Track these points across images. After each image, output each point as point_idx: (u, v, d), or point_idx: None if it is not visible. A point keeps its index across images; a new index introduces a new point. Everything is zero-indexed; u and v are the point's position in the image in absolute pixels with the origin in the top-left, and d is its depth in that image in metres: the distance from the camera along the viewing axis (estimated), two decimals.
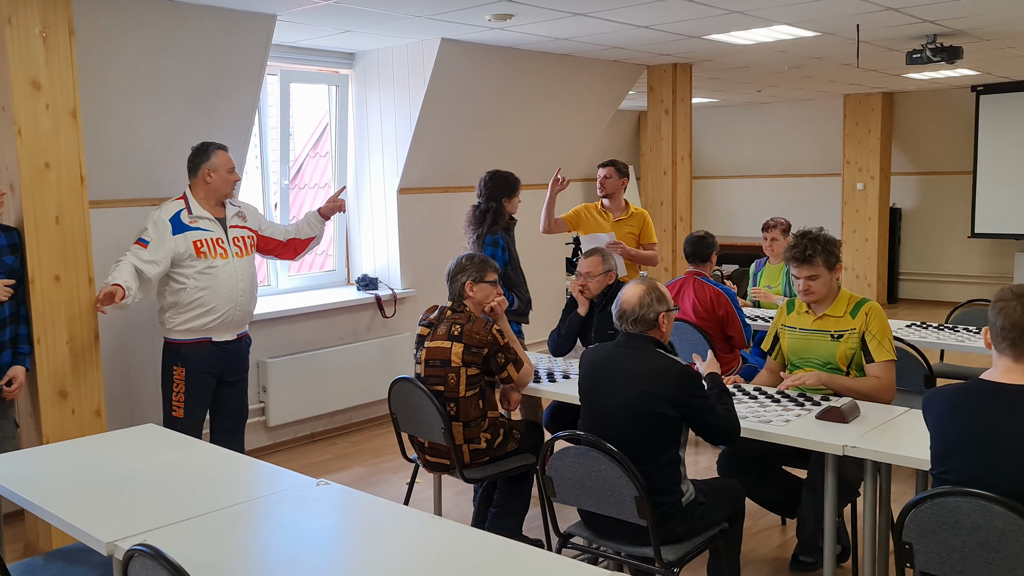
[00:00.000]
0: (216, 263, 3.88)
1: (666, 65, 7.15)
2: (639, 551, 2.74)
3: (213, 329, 3.92)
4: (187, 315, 3.88)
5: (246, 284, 4.00)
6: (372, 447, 5.45)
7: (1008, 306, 2.24)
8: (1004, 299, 2.26)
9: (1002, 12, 5.19)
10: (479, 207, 4.57)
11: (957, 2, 4.88)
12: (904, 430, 2.94)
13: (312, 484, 2.40)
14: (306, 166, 7.92)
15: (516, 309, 4.41)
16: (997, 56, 7.07)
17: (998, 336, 2.26)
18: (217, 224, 3.94)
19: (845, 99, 10.26)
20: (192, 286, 3.86)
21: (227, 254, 3.93)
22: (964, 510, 2.16)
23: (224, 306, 3.91)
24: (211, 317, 3.89)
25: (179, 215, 3.88)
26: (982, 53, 6.80)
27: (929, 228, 10.50)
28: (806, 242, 3.34)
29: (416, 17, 4.87)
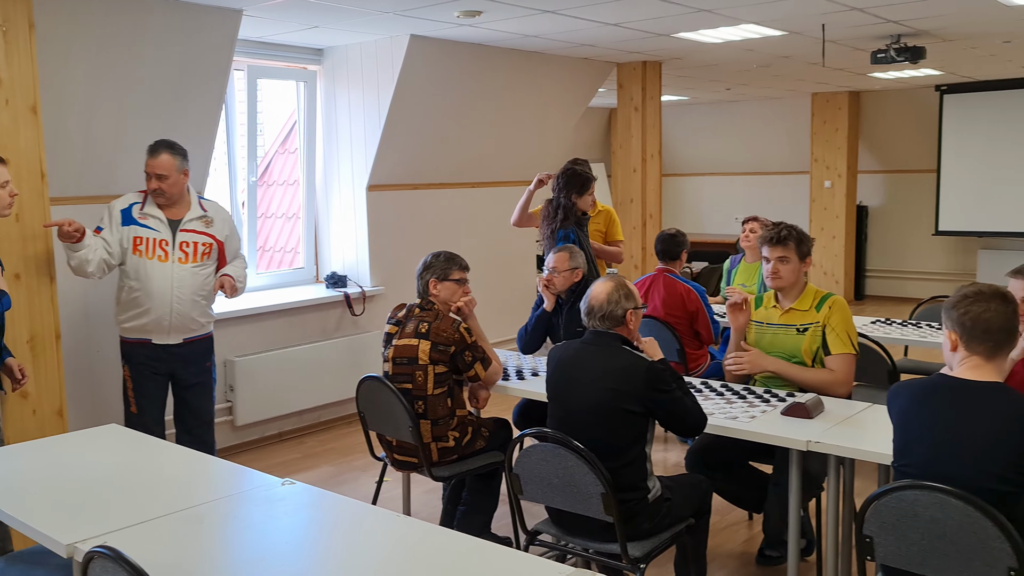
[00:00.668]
0: (151, 264, 3.77)
1: (636, 63, 7.18)
2: (606, 547, 2.76)
3: (151, 331, 3.84)
4: (127, 313, 3.85)
5: (185, 291, 3.83)
6: (341, 446, 5.42)
7: (989, 308, 2.26)
8: (978, 300, 2.28)
9: (964, 13, 5.28)
10: (551, 202, 4.60)
11: (920, 3, 4.95)
12: (867, 425, 2.98)
13: (277, 483, 2.38)
14: (275, 163, 7.88)
15: None
16: (960, 56, 7.18)
17: (973, 336, 2.28)
18: (166, 226, 3.82)
19: (813, 98, 10.37)
20: (128, 285, 3.81)
21: (167, 257, 3.80)
22: (923, 503, 2.19)
23: (158, 310, 3.79)
24: (146, 319, 3.81)
25: (132, 208, 3.82)
26: (945, 53, 6.90)
27: (895, 226, 10.66)
28: (783, 225, 3.46)
29: (384, 13, 4.85)
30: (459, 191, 6.65)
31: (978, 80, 9.23)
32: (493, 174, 6.89)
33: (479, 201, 6.81)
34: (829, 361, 3.36)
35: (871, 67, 7.05)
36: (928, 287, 9.67)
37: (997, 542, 2.10)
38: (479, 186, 6.81)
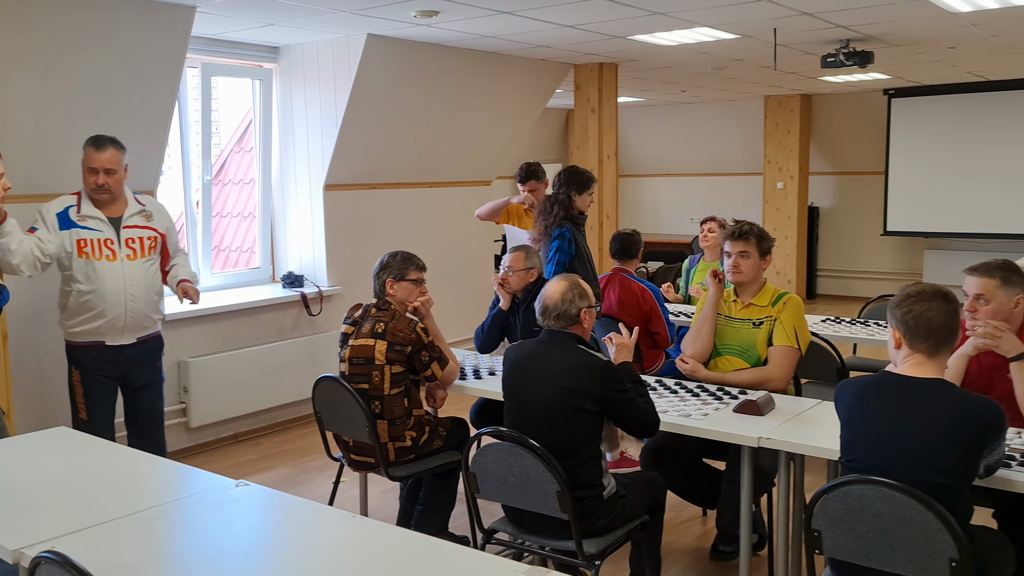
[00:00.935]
0: (100, 265, 3.70)
1: (592, 64, 7.23)
2: (562, 545, 2.78)
3: (105, 333, 3.76)
4: (77, 318, 3.73)
5: (138, 288, 3.78)
6: (298, 447, 5.38)
7: (931, 307, 2.33)
8: (920, 299, 2.35)
9: (910, 19, 5.41)
10: (549, 197, 4.52)
11: (868, 9, 5.07)
12: (817, 421, 3.05)
13: (231, 485, 2.36)
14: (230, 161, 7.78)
15: None
16: (907, 61, 7.36)
17: (916, 335, 2.34)
18: (108, 224, 3.74)
19: (766, 100, 10.54)
20: (77, 289, 3.69)
21: (115, 256, 3.73)
22: (869, 497, 2.25)
23: (113, 310, 3.72)
24: (100, 321, 3.72)
25: (68, 211, 3.71)
26: (893, 58, 7.07)
27: (845, 226, 10.88)
28: (744, 222, 3.56)
29: (341, 12, 4.82)
30: (417, 191, 6.65)
31: (924, 84, 9.47)
32: (451, 174, 6.90)
33: (437, 201, 6.80)
34: (770, 352, 3.45)
35: (821, 71, 7.20)
36: (877, 286, 9.90)
37: (939, 534, 2.16)
38: (437, 186, 6.81)
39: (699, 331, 3.58)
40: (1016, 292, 2.86)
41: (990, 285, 2.87)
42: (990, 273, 2.88)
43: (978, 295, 2.88)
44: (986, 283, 2.87)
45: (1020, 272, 2.91)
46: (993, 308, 2.85)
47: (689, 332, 3.65)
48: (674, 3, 4.82)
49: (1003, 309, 2.85)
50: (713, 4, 4.86)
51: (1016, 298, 2.86)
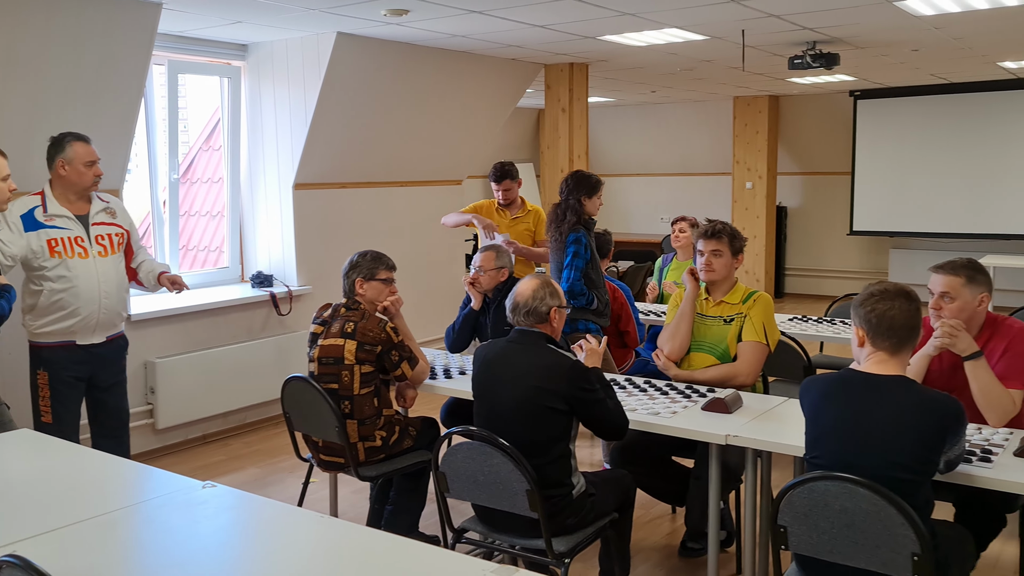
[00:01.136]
0: (74, 263, 3.65)
1: (563, 64, 7.25)
2: (532, 543, 2.79)
3: (77, 332, 3.70)
4: (48, 317, 3.66)
5: (111, 285, 3.75)
6: (267, 447, 5.34)
7: (894, 306, 2.38)
8: (883, 298, 2.39)
9: (875, 22, 5.49)
10: (559, 205, 4.45)
11: (834, 11, 5.14)
12: (784, 419, 3.09)
13: (198, 487, 2.34)
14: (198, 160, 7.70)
15: (595, 309, 4.29)
16: (872, 63, 7.47)
17: (879, 333, 2.38)
18: (77, 222, 3.70)
19: (734, 101, 10.63)
20: (49, 288, 3.63)
21: (87, 253, 3.69)
22: (833, 493, 2.28)
23: (87, 308, 3.68)
24: (74, 320, 3.67)
25: (33, 212, 3.63)
26: (858, 60, 7.17)
27: (812, 226, 11.01)
28: (717, 221, 3.62)
29: (310, 10, 4.80)
30: (387, 190, 6.62)
31: (889, 87, 9.61)
32: (421, 173, 6.88)
33: (407, 200, 6.79)
34: (739, 348, 3.49)
35: (789, 72, 7.27)
36: (843, 285, 10.04)
37: (901, 529, 2.20)
38: (407, 185, 6.80)
39: (677, 328, 3.61)
40: (980, 290, 2.92)
41: (955, 283, 2.92)
42: (955, 271, 2.93)
43: (943, 293, 2.93)
44: (951, 281, 2.93)
45: (984, 271, 2.97)
46: (958, 306, 2.91)
47: (667, 329, 3.68)
48: (643, 4, 4.86)
49: (967, 307, 2.91)
50: (682, 5, 4.90)
51: (980, 296, 2.92)
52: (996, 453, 2.60)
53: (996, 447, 2.66)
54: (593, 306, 4.28)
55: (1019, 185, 9.31)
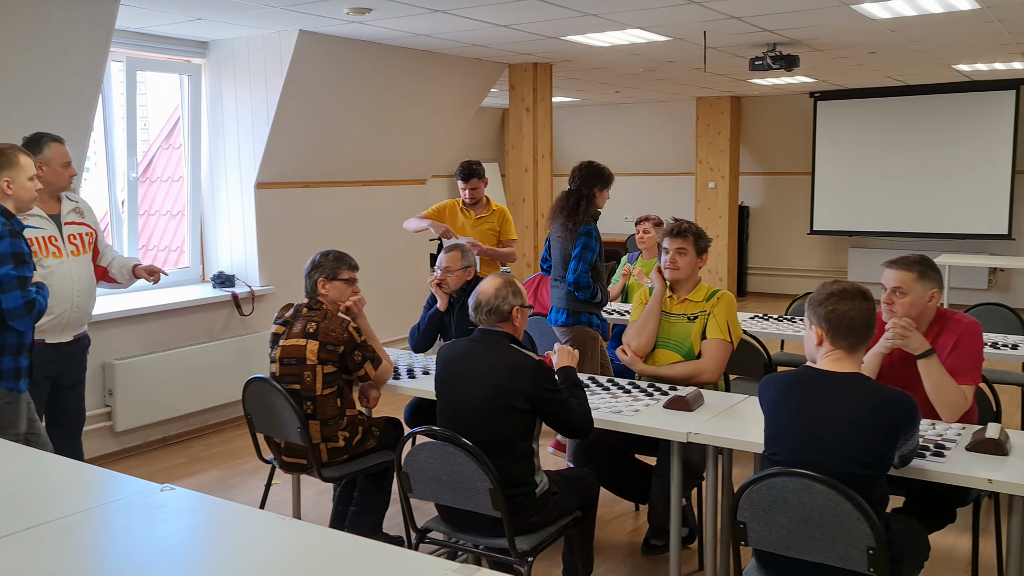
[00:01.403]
0: (49, 263, 3.62)
1: (527, 64, 7.27)
2: (495, 542, 2.80)
3: (48, 331, 3.67)
4: None
5: (83, 284, 3.77)
6: (229, 449, 5.28)
7: (854, 306, 2.42)
8: (843, 298, 2.43)
9: (833, 25, 5.58)
10: (571, 193, 4.41)
11: (793, 14, 5.21)
12: (745, 416, 3.12)
13: (155, 490, 2.31)
14: (158, 158, 7.58)
15: (599, 302, 4.39)
16: (831, 65, 7.58)
17: (839, 332, 2.42)
18: (50, 221, 3.68)
19: (697, 102, 10.73)
20: None
21: (61, 252, 3.69)
22: (791, 489, 2.32)
23: (60, 307, 3.66)
24: (47, 319, 3.62)
25: None
26: (817, 62, 7.27)
27: (773, 225, 11.15)
28: (683, 220, 3.67)
29: (271, 8, 4.75)
30: (351, 189, 6.59)
31: (848, 88, 9.77)
32: (385, 172, 6.86)
33: (371, 199, 6.76)
34: (704, 345, 3.53)
35: (750, 73, 7.36)
36: (804, 284, 10.18)
37: (857, 523, 2.24)
38: (371, 184, 6.76)
39: (644, 326, 3.64)
40: (931, 286, 2.99)
41: (907, 278, 2.99)
42: (908, 267, 3.00)
43: (896, 287, 2.99)
44: (904, 276, 2.99)
45: (935, 268, 3.04)
46: (909, 301, 2.97)
47: (633, 326, 3.70)
48: (606, 5, 4.88)
49: (918, 302, 2.97)
50: (644, 6, 4.93)
51: (931, 292, 2.99)
52: (949, 448, 2.66)
53: (949, 442, 2.72)
54: (597, 299, 4.36)
55: (973, 186, 9.52)
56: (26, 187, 3.22)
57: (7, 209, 3.17)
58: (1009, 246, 9.56)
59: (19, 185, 3.20)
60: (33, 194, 3.27)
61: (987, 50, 6.82)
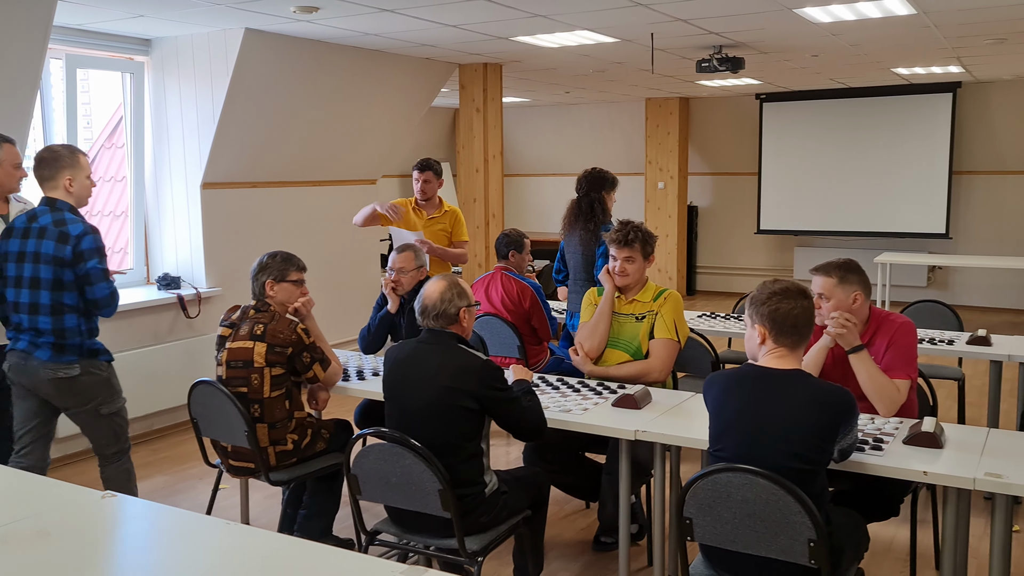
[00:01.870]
0: None
1: (477, 64, 7.27)
2: (445, 543, 2.80)
3: None
4: None
5: None
6: (175, 454, 5.19)
7: (797, 305, 2.48)
8: (786, 297, 2.49)
9: (777, 28, 5.69)
10: (581, 200, 4.65)
11: (738, 17, 5.30)
12: (692, 413, 3.17)
13: (97, 497, 2.26)
14: (100, 158, 7.41)
15: None
16: (776, 68, 7.73)
17: (782, 331, 2.48)
18: (6, 223, 3.59)
19: (647, 102, 10.84)
20: None
21: None
22: (735, 484, 2.36)
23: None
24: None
25: None
26: (763, 65, 7.41)
27: (722, 225, 11.32)
28: (629, 228, 3.67)
29: (216, 5, 4.68)
30: (299, 189, 6.52)
31: (793, 90, 9.96)
32: (335, 172, 6.80)
33: (320, 200, 6.70)
34: (651, 345, 3.58)
35: (697, 75, 7.47)
36: (752, 282, 10.34)
37: (798, 516, 2.29)
38: (320, 185, 6.70)
39: (596, 327, 3.68)
40: (853, 289, 3.08)
41: (829, 284, 3.09)
42: (828, 272, 3.11)
43: (819, 293, 3.09)
44: (825, 282, 3.10)
45: (858, 271, 3.13)
46: (833, 305, 3.08)
47: (585, 327, 3.73)
48: (554, 6, 4.91)
49: (841, 305, 3.07)
50: (592, 8, 4.97)
51: (853, 295, 3.08)
52: (887, 442, 2.74)
53: (887, 436, 2.79)
54: None
55: (912, 186, 9.78)
56: (86, 185, 3.47)
57: (73, 206, 3.43)
58: (947, 245, 9.84)
59: (79, 183, 3.45)
60: (91, 192, 3.52)
61: (924, 54, 7.02)
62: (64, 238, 3.32)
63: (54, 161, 3.41)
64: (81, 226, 3.36)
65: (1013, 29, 5.80)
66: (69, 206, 3.40)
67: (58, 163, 3.41)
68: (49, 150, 3.46)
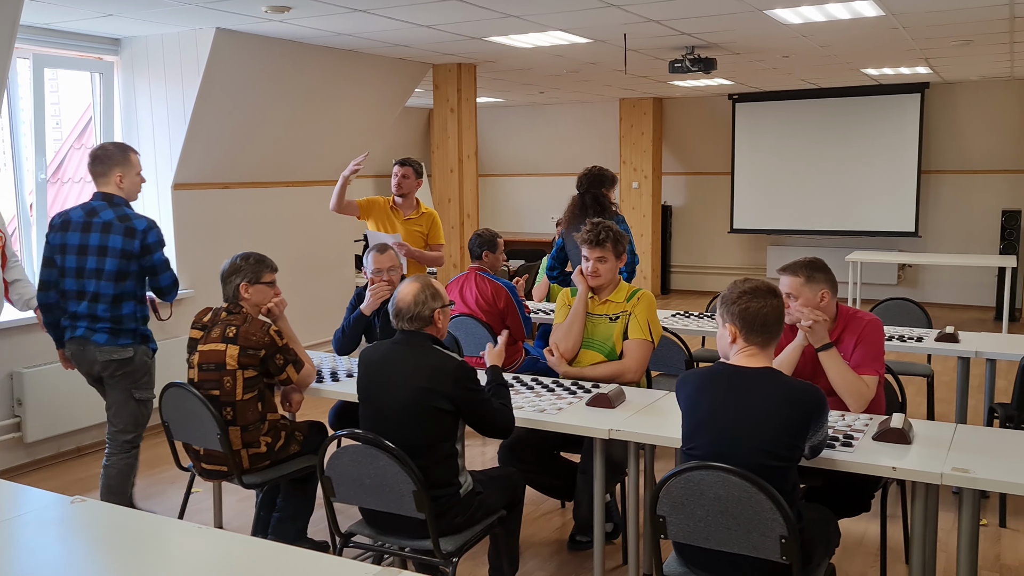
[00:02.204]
0: None
1: (451, 64, 7.26)
2: (420, 544, 2.79)
3: None
4: None
5: None
6: (147, 458, 5.11)
7: (766, 304, 2.51)
8: (755, 296, 2.51)
9: (748, 29, 5.74)
10: (583, 196, 4.87)
11: (710, 18, 5.34)
12: (665, 412, 3.18)
13: (66, 502, 2.24)
14: (70, 159, 7.31)
15: None
16: (748, 68, 7.79)
17: (752, 330, 2.50)
18: None
19: (621, 103, 10.89)
20: None
21: None
22: (708, 482, 2.38)
23: None
24: None
25: None
26: (735, 65, 7.47)
27: (695, 224, 11.40)
28: (600, 228, 3.66)
29: (186, 4, 4.64)
30: (272, 190, 6.48)
31: (765, 91, 10.04)
32: (307, 173, 6.76)
33: (294, 200, 6.65)
34: (625, 345, 3.59)
35: (670, 76, 7.51)
36: (725, 281, 10.35)
37: (770, 513, 2.31)
38: (294, 185, 6.66)
39: (571, 328, 3.68)
40: (819, 288, 3.12)
41: (796, 283, 3.13)
42: (795, 272, 3.14)
43: (787, 292, 3.12)
44: (792, 281, 3.14)
45: (824, 269, 3.16)
46: (801, 304, 3.11)
47: (560, 328, 3.73)
48: (527, 6, 4.92)
49: (809, 304, 3.11)
50: (565, 8, 4.99)
51: (820, 293, 3.12)
52: (857, 438, 2.77)
53: (857, 432, 2.83)
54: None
55: (882, 185, 9.90)
56: (135, 182, 3.79)
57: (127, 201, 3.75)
58: (916, 243, 9.98)
59: (129, 180, 3.76)
60: (140, 189, 3.83)
61: (893, 55, 7.11)
62: (131, 232, 3.63)
63: (107, 159, 3.70)
64: (145, 221, 3.69)
65: (979, 31, 5.89)
66: (125, 201, 3.72)
67: (110, 160, 3.70)
68: (102, 148, 3.75)
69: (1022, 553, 3.67)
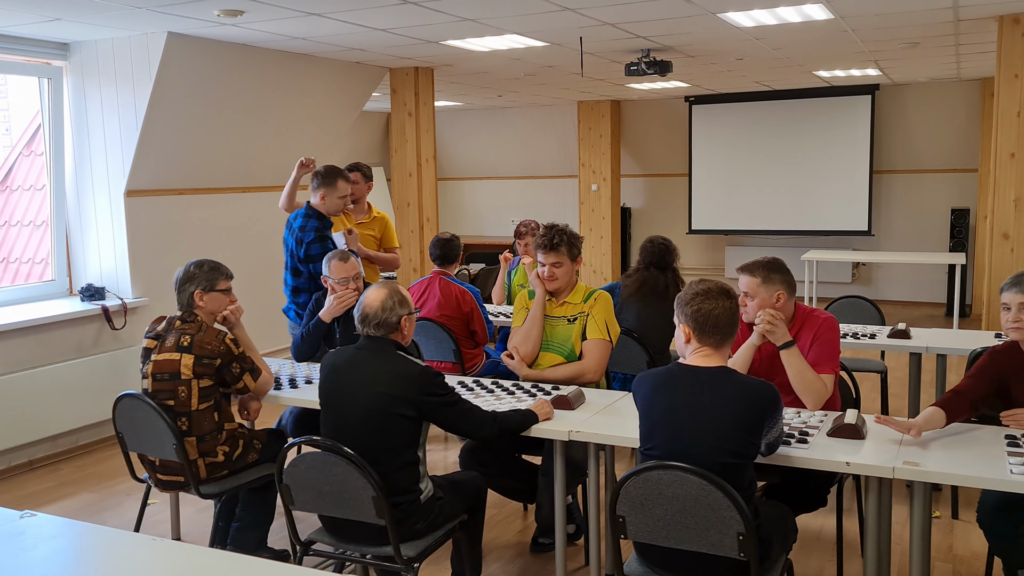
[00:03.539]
0: None
1: (408, 68, 7.24)
2: (381, 551, 2.78)
3: None
4: None
5: None
6: (102, 470, 5.04)
7: (718, 305, 2.54)
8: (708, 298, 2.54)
9: (702, 32, 5.80)
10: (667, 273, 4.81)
11: (664, 21, 5.39)
12: (625, 412, 3.20)
13: (15, 517, 2.19)
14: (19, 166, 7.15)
15: None
16: (703, 71, 7.88)
17: (704, 330, 2.53)
18: None
19: (579, 105, 10.94)
20: None
21: None
22: (666, 481, 2.40)
23: None
24: None
25: None
26: (690, 68, 7.55)
27: (654, 225, 11.49)
28: (554, 232, 3.67)
29: (136, 8, 4.57)
30: (228, 196, 6.40)
31: (720, 93, 10.17)
32: (264, 178, 6.69)
33: (249, 206, 6.58)
34: (585, 345, 3.61)
35: (627, 78, 7.56)
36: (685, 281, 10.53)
37: (727, 511, 2.34)
38: (249, 191, 6.59)
39: (529, 332, 3.69)
40: (776, 288, 3.17)
41: (753, 283, 3.17)
42: (752, 272, 3.19)
43: (745, 292, 3.17)
44: (749, 281, 3.19)
45: (781, 270, 3.21)
46: (757, 304, 3.15)
47: (519, 332, 3.73)
48: (483, 10, 4.92)
49: (765, 303, 3.15)
50: (521, 12, 5.00)
51: (776, 293, 3.17)
52: (812, 435, 2.82)
53: (812, 428, 2.87)
54: None
55: (836, 185, 10.08)
56: (335, 203, 4.55)
57: (323, 214, 4.52)
58: (870, 242, 10.17)
59: (330, 200, 4.53)
60: (339, 210, 4.61)
61: (843, 57, 7.25)
62: None
63: (312, 178, 4.57)
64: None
65: (924, 33, 6.03)
66: (320, 213, 4.53)
67: (314, 179, 4.55)
68: (323, 167, 4.58)
69: (974, 544, 3.75)
